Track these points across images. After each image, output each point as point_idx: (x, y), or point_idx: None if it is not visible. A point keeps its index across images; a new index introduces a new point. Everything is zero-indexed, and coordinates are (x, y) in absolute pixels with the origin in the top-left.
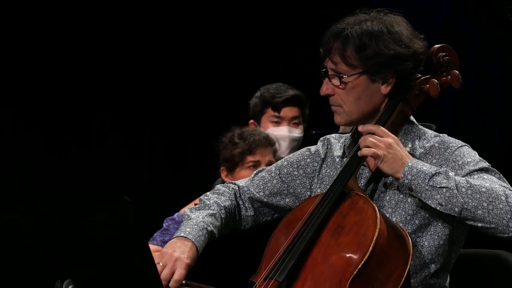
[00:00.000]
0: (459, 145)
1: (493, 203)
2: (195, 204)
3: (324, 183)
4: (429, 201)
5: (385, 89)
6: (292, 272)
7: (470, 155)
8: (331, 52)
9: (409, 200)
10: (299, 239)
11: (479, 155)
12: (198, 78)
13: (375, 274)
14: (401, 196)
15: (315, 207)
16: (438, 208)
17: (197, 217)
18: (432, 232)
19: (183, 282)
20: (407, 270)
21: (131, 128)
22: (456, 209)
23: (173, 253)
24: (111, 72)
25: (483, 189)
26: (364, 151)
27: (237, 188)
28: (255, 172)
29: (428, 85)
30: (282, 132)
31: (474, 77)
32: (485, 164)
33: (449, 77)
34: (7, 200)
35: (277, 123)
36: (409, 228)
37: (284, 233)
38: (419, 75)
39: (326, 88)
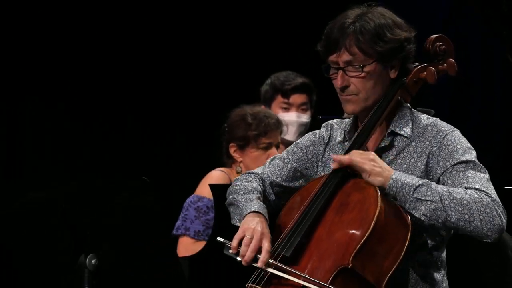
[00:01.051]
0: (450, 130)
1: (474, 215)
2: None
3: (327, 165)
4: (413, 211)
5: (393, 74)
6: (299, 248)
7: (460, 141)
8: (346, 46)
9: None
10: (306, 217)
11: (476, 141)
12: (216, 67)
13: (376, 248)
14: None
15: (320, 187)
16: (422, 219)
17: (253, 197)
18: None
19: (270, 261)
20: (406, 245)
21: (149, 115)
22: (440, 220)
23: (257, 227)
24: (129, 63)
25: (465, 202)
26: (352, 163)
27: (258, 175)
28: (268, 160)
29: (425, 73)
30: (291, 117)
31: (475, 73)
32: (472, 155)
33: (445, 65)
34: (35, 180)
35: (286, 109)
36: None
37: (291, 212)
38: (417, 64)
39: (342, 80)
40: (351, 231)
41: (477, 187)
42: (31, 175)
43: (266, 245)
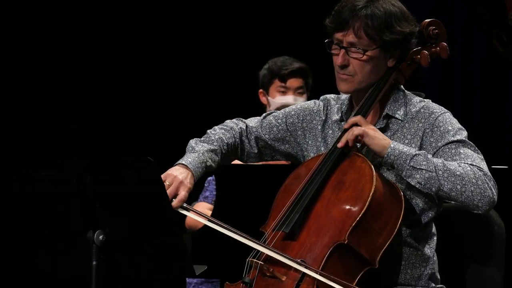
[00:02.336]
0: (442, 112)
1: (466, 186)
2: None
3: (327, 142)
4: (409, 179)
5: (391, 62)
6: (297, 224)
7: (452, 123)
8: (354, 27)
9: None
10: (304, 194)
11: (461, 123)
12: (216, 53)
13: (371, 225)
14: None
15: (318, 165)
16: (417, 186)
17: (199, 150)
18: (419, 190)
19: (184, 204)
20: (399, 221)
21: (157, 95)
22: (433, 189)
23: (178, 176)
24: (137, 45)
25: (458, 173)
26: (356, 132)
27: (245, 126)
28: (264, 114)
29: (419, 56)
30: (288, 101)
31: (461, 50)
32: (463, 135)
33: (438, 48)
34: (45, 158)
35: (284, 92)
36: (399, 186)
37: (290, 188)
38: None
39: (343, 59)
40: (347, 209)
41: (469, 162)
42: (45, 156)
43: (182, 193)
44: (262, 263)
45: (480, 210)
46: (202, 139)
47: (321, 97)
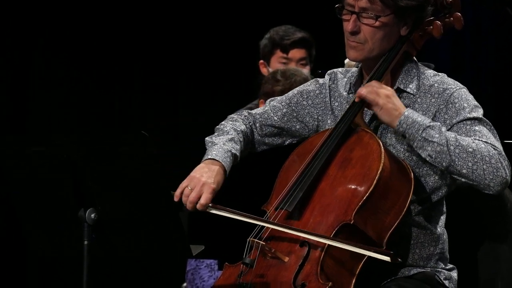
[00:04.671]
0: (457, 87)
1: (477, 164)
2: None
3: (334, 114)
4: (420, 151)
5: (404, 31)
6: (301, 203)
7: (467, 100)
8: None
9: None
10: (308, 171)
11: (474, 96)
12: (215, 21)
13: (378, 204)
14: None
15: (323, 141)
16: (427, 159)
17: (219, 142)
18: (429, 168)
19: (210, 205)
20: (408, 201)
21: (156, 70)
22: (444, 163)
23: (201, 177)
24: (133, 20)
25: (470, 149)
26: (367, 96)
27: (248, 114)
28: (268, 101)
29: (432, 27)
30: None
31: (473, 17)
32: (479, 112)
33: (452, 18)
34: (36, 134)
35: (285, 64)
36: (408, 164)
37: (294, 165)
38: None
39: (354, 25)
40: (353, 187)
41: (483, 140)
42: (35, 131)
43: (204, 197)
44: (263, 243)
45: (492, 190)
46: (215, 134)
47: (328, 72)
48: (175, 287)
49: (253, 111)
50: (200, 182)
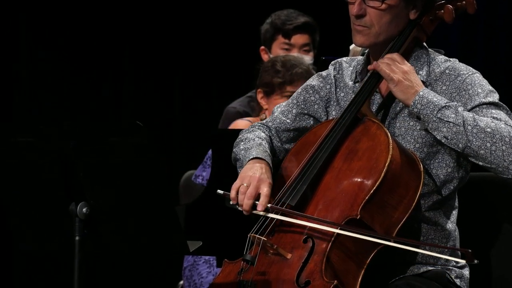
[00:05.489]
0: (470, 73)
1: (496, 144)
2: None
3: (340, 105)
4: (435, 133)
5: (413, 15)
6: (304, 196)
7: (481, 85)
8: None
9: (418, 127)
10: (312, 163)
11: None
12: (211, 5)
13: (386, 199)
14: (411, 123)
15: (328, 132)
16: (443, 141)
17: (252, 146)
18: (440, 160)
19: (268, 205)
20: (417, 196)
21: (150, 57)
22: (460, 145)
23: (255, 174)
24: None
25: (488, 129)
26: (382, 69)
27: (261, 125)
28: (274, 107)
29: (443, 11)
30: None
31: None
32: (495, 97)
33: (464, 2)
34: (24, 124)
35: (288, 50)
36: (418, 156)
37: (296, 157)
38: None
39: (359, 8)
40: (360, 180)
41: (503, 121)
42: (21, 119)
43: (264, 190)
44: (265, 239)
45: (510, 174)
46: (241, 144)
47: (332, 62)
48: (171, 286)
49: (264, 121)
50: (256, 178)
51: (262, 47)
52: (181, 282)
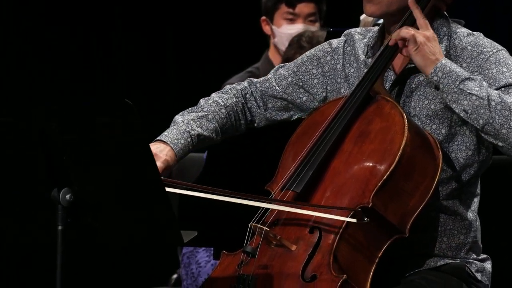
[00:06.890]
0: (494, 50)
1: None
2: None
3: (349, 82)
4: (454, 105)
5: None
6: (311, 182)
7: (507, 63)
8: None
9: (433, 107)
10: (319, 146)
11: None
12: None
13: (401, 185)
14: (426, 102)
15: (337, 111)
16: (461, 115)
17: (183, 121)
18: (460, 143)
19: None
20: (435, 182)
21: (142, 30)
22: (481, 121)
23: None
24: None
25: None
26: (403, 32)
27: (248, 85)
28: (275, 68)
29: None
30: (297, 30)
31: None
32: None
33: None
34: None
35: (292, 20)
36: (436, 138)
37: (302, 139)
38: None
39: None
40: (372, 165)
41: None
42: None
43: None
44: (267, 229)
45: None
46: (189, 109)
47: (344, 32)
48: (166, 276)
49: (255, 80)
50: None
51: (263, 17)
52: (176, 276)
